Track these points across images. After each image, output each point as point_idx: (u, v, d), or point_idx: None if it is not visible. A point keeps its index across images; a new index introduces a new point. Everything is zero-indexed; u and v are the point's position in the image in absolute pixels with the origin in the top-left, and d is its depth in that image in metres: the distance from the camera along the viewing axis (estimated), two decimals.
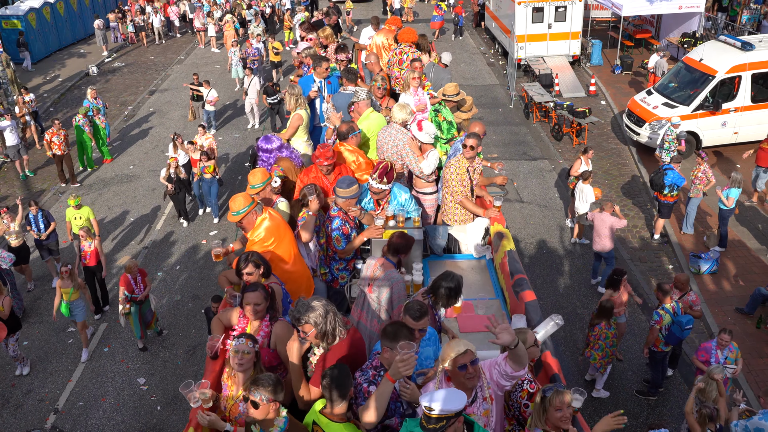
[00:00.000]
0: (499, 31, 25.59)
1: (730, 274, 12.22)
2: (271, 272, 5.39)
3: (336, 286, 6.53)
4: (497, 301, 6.26)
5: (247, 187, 6.39)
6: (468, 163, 6.92)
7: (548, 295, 11.78)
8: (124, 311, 10.29)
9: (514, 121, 19.80)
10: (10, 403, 9.93)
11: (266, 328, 4.89)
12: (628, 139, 17.62)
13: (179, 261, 13.36)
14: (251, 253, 5.29)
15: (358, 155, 7.21)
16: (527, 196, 15.35)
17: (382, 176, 6.39)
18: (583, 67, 23.63)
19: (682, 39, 22.15)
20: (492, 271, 6.76)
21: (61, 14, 28.28)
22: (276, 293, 5.15)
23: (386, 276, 5.40)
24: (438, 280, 5.09)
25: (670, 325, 8.88)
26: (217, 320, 5.26)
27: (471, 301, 6.09)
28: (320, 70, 8.81)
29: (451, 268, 6.65)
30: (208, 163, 13.88)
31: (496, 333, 4.05)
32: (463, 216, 7.10)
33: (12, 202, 15.98)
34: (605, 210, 11.25)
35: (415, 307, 4.53)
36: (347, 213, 6.25)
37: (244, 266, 5.18)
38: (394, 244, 5.65)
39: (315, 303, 4.46)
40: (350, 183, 6.20)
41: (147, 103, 22.41)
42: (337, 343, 4.53)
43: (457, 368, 4.03)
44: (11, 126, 16.25)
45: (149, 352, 10.88)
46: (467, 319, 5.84)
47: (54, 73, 25.63)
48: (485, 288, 6.51)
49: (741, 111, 16.19)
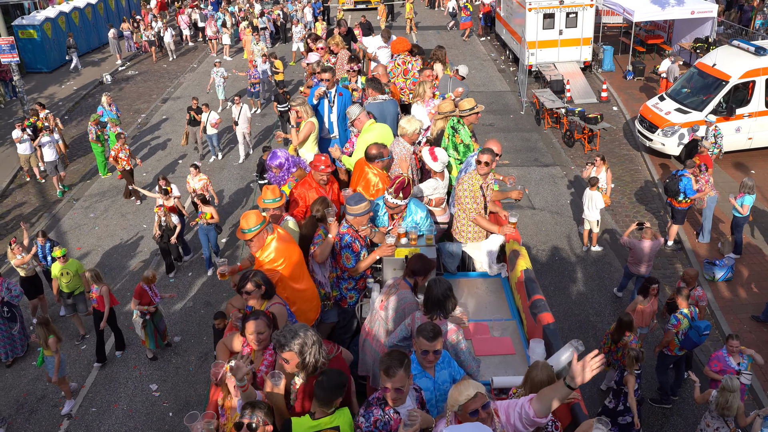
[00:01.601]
0: (509, 37, 25.58)
1: (745, 281, 12.10)
2: (274, 293, 5.25)
3: (345, 305, 6.38)
4: (513, 322, 6.03)
5: (259, 199, 6.27)
6: (482, 180, 6.76)
7: (560, 303, 11.71)
8: (143, 324, 10.27)
9: (525, 127, 19.76)
10: (24, 409, 9.99)
11: (270, 357, 4.76)
12: (640, 145, 17.53)
13: (191, 267, 13.41)
14: (254, 272, 5.17)
15: (380, 179, 6.97)
16: (539, 202, 15.30)
17: (398, 191, 6.21)
18: (595, 73, 23.56)
19: (695, 44, 22.02)
20: (508, 291, 6.55)
21: (76, 24, 28.62)
22: (279, 315, 5.02)
23: (399, 296, 5.28)
24: (429, 294, 4.89)
25: (687, 330, 8.81)
26: (222, 345, 5.17)
27: (486, 323, 5.88)
28: (327, 76, 8.65)
29: (466, 286, 6.54)
30: (205, 208, 12.40)
31: (578, 362, 3.67)
32: (477, 233, 6.93)
33: (28, 210, 16.17)
34: (645, 238, 10.82)
35: (428, 328, 4.34)
36: (357, 230, 6.09)
37: (243, 284, 5.07)
38: (411, 265, 5.48)
39: (301, 332, 4.31)
40: (359, 200, 6.04)
41: (160, 111, 22.59)
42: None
43: (468, 414, 3.77)
44: (50, 142, 16.15)
45: (162, 359, 10.92)
46: (482, 342, 5.60)
47: (68, 81, 25.91)
48: (501, 309, 6.28)
49: (755, 116, 16.05)
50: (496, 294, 6.52)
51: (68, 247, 14.32)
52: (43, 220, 15.65)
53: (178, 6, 33.57)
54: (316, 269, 6.13)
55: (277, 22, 29.76)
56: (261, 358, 4.76)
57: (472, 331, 5.71)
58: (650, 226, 11.26)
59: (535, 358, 5.00)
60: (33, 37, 25.88)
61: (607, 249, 13.42)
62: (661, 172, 16.23)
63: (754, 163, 16.12)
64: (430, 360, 4.36)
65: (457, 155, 7.81)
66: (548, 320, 5.46)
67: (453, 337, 4.83)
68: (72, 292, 11.08)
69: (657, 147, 16.55)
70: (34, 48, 26.16)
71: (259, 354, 4.77)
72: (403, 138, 7.44)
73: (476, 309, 6.21)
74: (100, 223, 15.12)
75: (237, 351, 4.98)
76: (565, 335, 10.00)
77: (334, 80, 8.75)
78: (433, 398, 4.44)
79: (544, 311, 5.55)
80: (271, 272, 5.49)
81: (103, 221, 15.08)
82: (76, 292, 11.12)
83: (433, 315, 4.84)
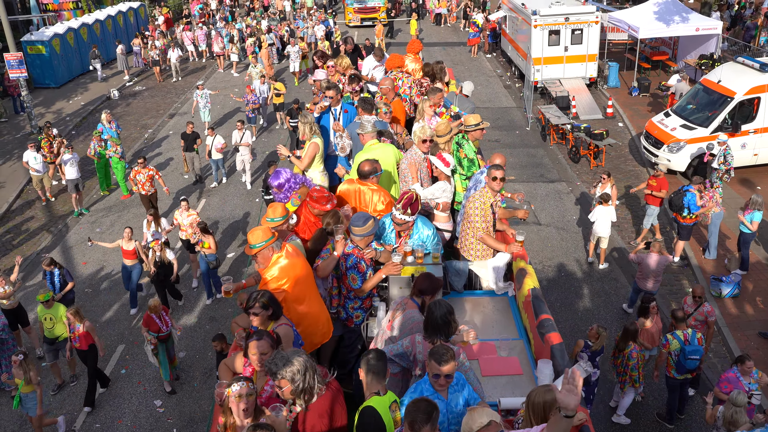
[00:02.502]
0: (515, 53, 25.70)
1: (753, 297, 12.02)
2: (281, 314, 5.14)
3: (351, 324, 6.26)
4: (521, 342, 5.92)
5: (262, 219, 6.18)
6: (493, 197, 6.66)
7: (566, 319, 11.66)
8: (154, 352, 10.13)
9: (531, 143, 19.79)
10: (27, 425, 9.96)
11: (271, 389, 4.67)
12: (646, 161, 17.52)
13: (197, 282, 13.40)
14: (262, 293, 5.07)
15: (382, 195, 6.86)
16: (545, 218, 15.28)
17: (406, 207, 6.07)
18: (600, 89, 23.61)
19: (700, 61, 22.07)
20: (515, 310, 6.44)
21: (84, 39, 28.90)
22: (285, 337, 4.94)
23: (406, 316, 5.19)
24: (430, 317, 4.75)
25: (680, 353, 8.75)
26: (224, 366, 5.12)
27: (493, 342, 5.77)
28: (331, 93, 8.59)
29: (472, 305, 6.45)
30: (204, 237, 11.98)
31: (560, 390, 3.38)
32: (484, 251, 6.83)
33: (36, 225, 16.23)
34: (652, 251, 10.83)
35: (441, 351, 4.23)
36: (362, 251, 5.98)
37: (251, 304, 4.98)
38: (419, 284, 5.38)
39: (294, 358, 4.24)
40: (366, 219, 5.90)
41: (167, 126, 22.71)
42: (317, 401, 4.35)
43: None
44: (72, 159, 15.93)
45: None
46: (489, 362, 5.48)
47: (76, 96, 26.12)
48: (508, 328, 6.17)
49: (761, 132, 16.05)
50: (503, 313, 6.42)
51: (73, 261, 14.37)
52: (49, 234, 15.70)
53: (184, 23, 33.81)
54: (318, 283, 6.04)
55: (284, 39, 29.95)
56: (264, 378, 4.69)
57: (478, 351, 5.63)
58: (661, 239, 11.23)
59: (543, 379, 4.93)
60: (41, 53, 26.13)
61: (613, 265, 13.38)
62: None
63: (759, 179, 16.08)
64: (441, 384, 4.26)
65: (461, 170, 7.76)
66: (556, 340, 5.38)
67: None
68: (56, 338, 10.36)
69: (663, 163, 16.53)
70: (43, 63, 26.40)
71: (261, 374, 4.70)
72: (418, 146, 7.40)
73: (483, 328, 6.12)
74: (106, 238, 15.14)
75: (239, 371, 4.92)
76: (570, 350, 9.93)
77: (338, 98, 8.75)
78: (445, 421, 4.36)
79: (551, 331, 5.46)
80: (277, 291, 5.39)
81: (109, 236, 15.10)
82: (60, 338, 10.38)
83: (433, 339, 4.75)
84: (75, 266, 14.19)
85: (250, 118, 19.82)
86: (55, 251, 14.88)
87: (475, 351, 5.60)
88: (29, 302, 12.04)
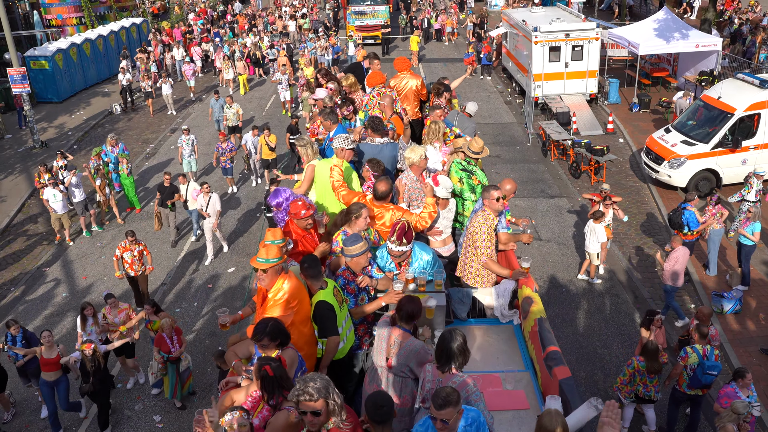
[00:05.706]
0: (516, 69, 25.82)
1: (754, 313, 11.98)
2: (289, 341, 4.94)
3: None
4: (527, 374, 5.61)
5: (261, 243, 5.85)
6: (496, 219, 6.48)
7: (567, 335, 11.61)
8: (161, 373, 9.97)
9: (531, 158, 19.82)
10: None
11: (267, 413, 4.54)
12: (646, 177, 17.54)
13: (197, 297, 13.39)
14: (271, 323, 4.86)
15: (399, 214, 6.66)
16: (545, 234, 15.27)
17: (400, 237, 5.86)
18: (601, 105, 23.69)
19: (700, 77, 22.16)
20: (520, 339, 6.16)
21: (87, 55, 29.08)
22: (290, 359, 4.81)
23: (406, 349, 4.95)
24: (443, 346, 4.55)
25: (696, 367, 8.67)
26: (224, 400, 5.02)
27: (498, 374, 5.52)
28: (327, 124, 8.53)
29: (476, 334, 6.20)
30: (156, 317, 10.38)
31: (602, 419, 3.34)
32: (488, 277, 6.62)
33: (37, 239, 16.22)
34: (676, 244, 11.25)
35: (441, 395, 3.92)
36: (355, 273, 5.80)
37: (261, 337, 4.77)
38: (407, 311, 5.05)
39: (317, 378, 4.02)
40: (355, 240, 5.74)
41: (168, 141, 22.77)
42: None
43: None
44: (79, 183, 15.56)
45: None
46: (494, 396, 5.21)
47: (78, 111, 26.24)
48: (513, 359, 5.86)
49: (761, 148, 16.08)
50: (508, 343, 6.14)
51: (74, 276, 14.36)
52: (51, 248, 15.70)
53: (190, 38, 33.98)
54: None
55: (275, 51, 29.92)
56: (260, 410, 4.56)
57: (483, 384, 5.26)
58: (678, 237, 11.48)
59: None
60: (44, 68, 26.30)
61: (614, 281, 13.35)
62: (667, 204, 16.20)
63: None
64: (438, 427, 3.99)
65: (474, 197, 7.53)
66: (565, 374, 5.06)
67: (465, 390, 4.50)
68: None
69: (663, 179, 16.56)
70: (45, 78, 26.57)
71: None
72: (411, 168, 7.22)
73: (487, 359, 5.88)
74: (106, 252, 15.14)
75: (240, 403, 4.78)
76: (572, 368, 9.86)
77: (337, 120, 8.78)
78: None
79: (559, 364, 5.14)
80: (284, 316, 5.25)
81: (110, 250, 15.08)
82: None
83: (445, 368, 4.57)
84: (75, 280, 14.18)
85: (226, 170, 17.45)
86: (56, 265, 14.88)
87: (480, 384, 5.45)
88: (28, 316, 11.96)
